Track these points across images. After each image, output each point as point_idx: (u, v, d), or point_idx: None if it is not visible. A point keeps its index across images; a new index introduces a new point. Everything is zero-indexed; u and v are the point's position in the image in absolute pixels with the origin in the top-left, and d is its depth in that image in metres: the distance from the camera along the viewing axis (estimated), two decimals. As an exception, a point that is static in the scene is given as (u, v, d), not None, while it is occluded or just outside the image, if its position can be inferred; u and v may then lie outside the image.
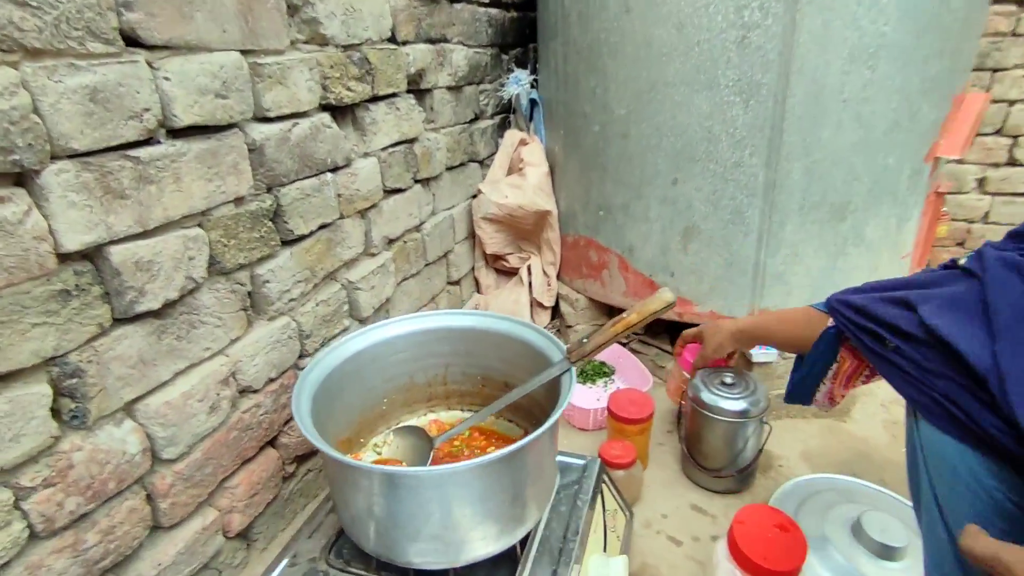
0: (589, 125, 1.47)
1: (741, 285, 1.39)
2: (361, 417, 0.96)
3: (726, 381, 1.18)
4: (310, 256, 1.03)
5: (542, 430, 0.70)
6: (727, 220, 1.35)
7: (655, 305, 0.80)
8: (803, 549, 0.88)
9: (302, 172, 0.98)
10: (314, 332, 1.07)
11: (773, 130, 1.27)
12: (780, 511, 0.94)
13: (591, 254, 1.58)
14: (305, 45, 0.97)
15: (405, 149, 1.30)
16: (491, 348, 0.99)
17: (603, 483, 1.00)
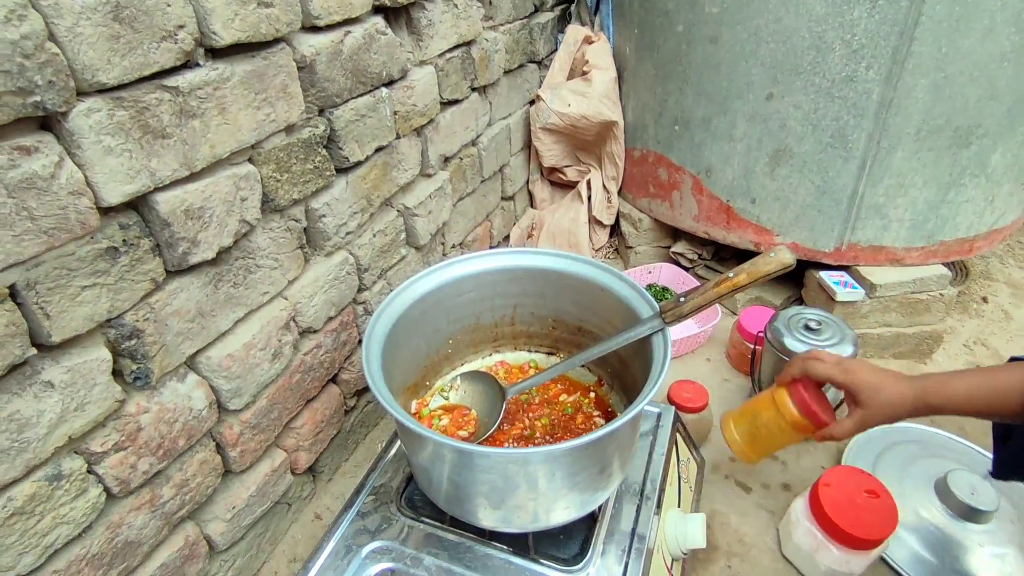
0: (671, 24, 1.27)
1: (832, 216, 1.25)
2: (428, 360, 0.91)
3: (810, 325, 1.09)
4: (366, 184, 0.94)
5: (638, 407, 0.64)
6: (826, 143, 1.19)
7: (770, 267, 0.70)
8: (894, 517, 0.83)
9: (356, 90, 0.86)
10: (372, 265, 1.00)
11: (901, 37, 1.07)
12: (870, 475, 0.89)
13: (660, 172, 1.44)
14: (355, -69, 0.81)
15: (463, 53, 1.15)
16: (566, 291, 0.91)
17: (677, 432, 0.95)
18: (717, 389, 1.26)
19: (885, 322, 1.30)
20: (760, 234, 1.33)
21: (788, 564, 0.92)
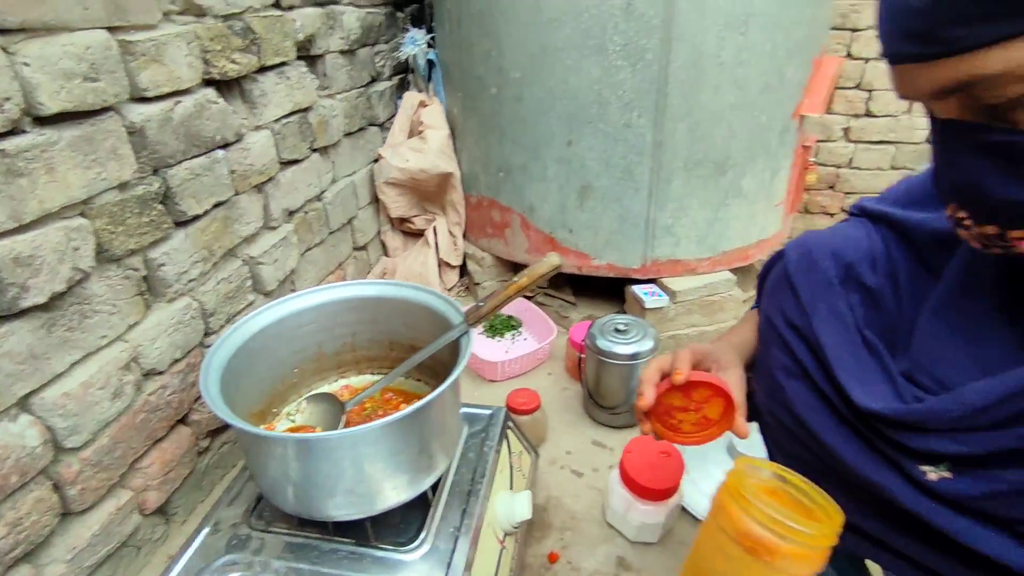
0: (485, 88, 1.50)
1: (634, 238, 1.50)
2: (272, 389, 0.99)
3: (619, 328, 1.29)
4: (206, 236, 1.03)
5: (440, 390, 0.77)
6: (619, 178, 1.44)
7: (542, 269, 0.87)
8: (680, 470, 1.02)
9: (190, 152, 0.96)
10: (218, 310, 1.07)
11: (658, 93, 1.35)
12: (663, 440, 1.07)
13: (494, 214, 1.64)
14: (180, 17, 0.94)
15: (299, 119, 1.29)
16: (396, 314, 1.04)
17: (508, 428, 1.09)
18: (558, 396, 1.43)
19: (690, 323, 1.55)
20: (580, 258, 1.55)
21: (611, 529, 1.07)
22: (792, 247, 0.70)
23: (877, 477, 0.54)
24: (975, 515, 0.48)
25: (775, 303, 0.69)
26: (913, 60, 0.39)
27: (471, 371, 1.52)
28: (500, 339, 1.62)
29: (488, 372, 1.48)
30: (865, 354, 0.59)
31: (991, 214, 0.42)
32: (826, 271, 0.64)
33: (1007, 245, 0.43)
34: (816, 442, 0.60)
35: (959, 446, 0.48)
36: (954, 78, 0.37)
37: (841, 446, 0.57)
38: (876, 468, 0.54)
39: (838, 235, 0.68)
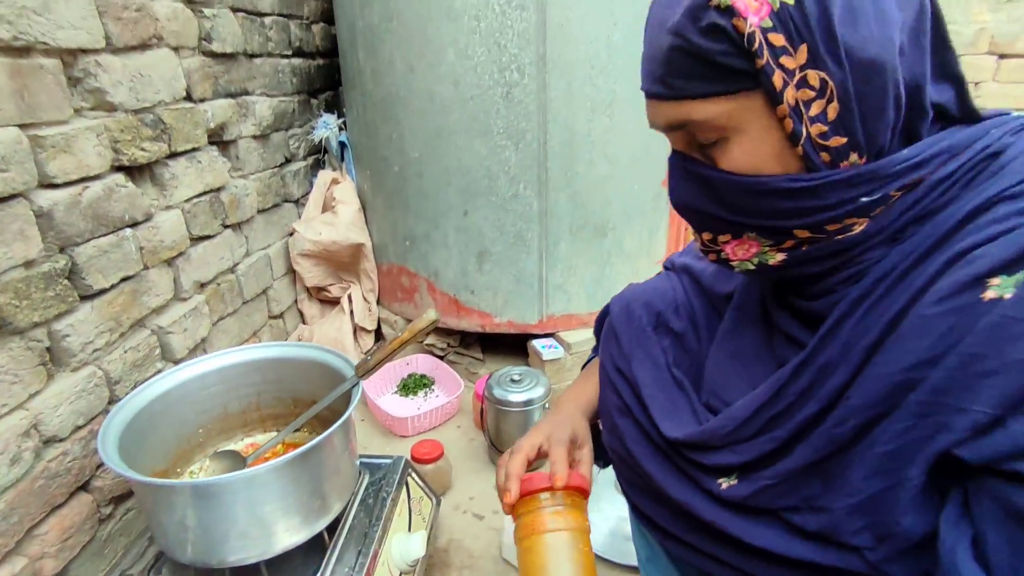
0: (390, 167, 1.66)
1: (529, 297, 1.65)
2: (177, 449, 1.05)
3: (514, 378, 1.41)
4: (114, 307, 1.10)
5: (328, 432, 0.86)
6: (512, 243, 1.60)
7: (422, 324, 0.99)
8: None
9: (98, 231, 1.05)
10: (124, 378, 1.12)
11: (540, 167, 1.54)
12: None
13: (403, 280, 1.76)
14: (92, 112, 1.05)
15: (211, 198, 1.39)
16: (297, 373, 1.12)
17: (408, 476, 1.17)
18: (465, 447, 1.52)
19: (584, 372, 1.69)
20: (483, 317, 1.68)
21: (507, 564, 1.15)
22: (615, 301, 0.82)
23: (683, 496, 0.63)
24: (750, 512, 0.57)
25: (606, 351, 0.79)
26: (654, 97, 0.49)
27: (383, 428, 1.59)
28: (413, 397, 1.71)
29: (399, 428, 1.55)
30: (675, 390, 0.69)
31: (703, 224, 0.54)
32: (640, 319, 0.76)
33: (718, 249, 0.55)
34: (642, 470, 0.68)
35: (737, 456, 0.58)
36: (676, 117, 0.48)
37: (656, 472, 0.65)
38: (682, 488, 0.63)
39: (650, 288, 0.81)
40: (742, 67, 0.42)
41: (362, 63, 1.62)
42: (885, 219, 0.47)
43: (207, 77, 1.37)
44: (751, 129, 0.45)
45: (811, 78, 0.41)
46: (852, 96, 0.41)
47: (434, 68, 1.49)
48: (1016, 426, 0.38)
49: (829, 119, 0.42)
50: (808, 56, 0.41)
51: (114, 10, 1.07)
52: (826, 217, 0.46)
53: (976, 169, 0.45)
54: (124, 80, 1.10)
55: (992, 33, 2.44)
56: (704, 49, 0.43)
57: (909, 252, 0.45)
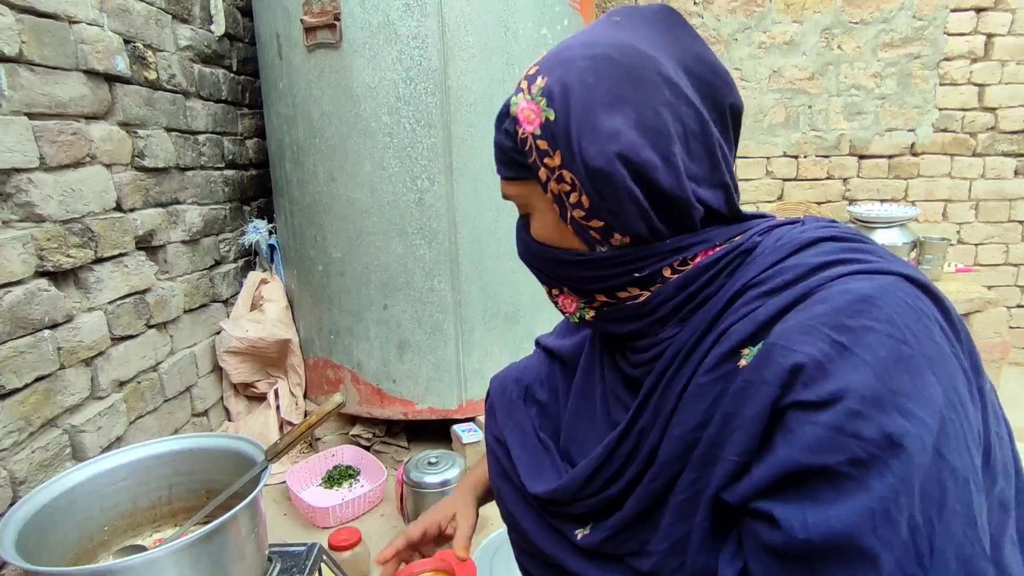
0: (314, 266, 1.78)
1: (449, 383, 1.74)
2: (79, 547, 1.04)
3: (431, 461, 1.47)
4: (24, 407, 1.13)
5: (230, 513, 0.90)
6: (430, 333, 1.72)
7: (328, 407, 1.07)
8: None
9: (15, 332, 1.10)
10: (30, 478, 1.13)
11: (452, 262, 1.69)
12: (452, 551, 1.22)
13: (328, 372, 1.83)
14: (20, 223, 1.13)
15: (136, 300, 1.46)
16: (210, 463, 1.16)
17: (322, 562, 1.19)
18: (388, 534, 1.54)
19: (504, 453, 1.76)
20: (405, 405, 1.75)
21: (419, 647, 1.16)
22: (493, 380, 0.91)
23: (552, 549, 0.70)
24: (604, 558, 0.65)
25: (488, 424, 0.88)
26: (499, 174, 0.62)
27: (306, 521, 1.59)
28: (338, 488, 1.72)
29: (321, 519, 1.56)
30: (541, 452, 0.78)
31: (539, 278, 0.66)
32: (511, 394, 0.86)
33: (555, 300, 0.65)
34: (521, 529, 0.75)
35: (586, 508, 0.66)
36: (502, 192, 0.61)
37: (531, 528, 0.73)
38: (551, 541, 0.71)
39: (521, 365, 0.92)
40: (524, 162, 0.55)
41: (289, 174, 1.78)
42: (664, 294, 0.56)
43: (138, 189, 1.48)
44: (538, 207, 0.58)
45: (565, 176, 0.53)
46: (593, 193, 0.52)
47: (353, 178, 1.66)
48: (756, 471, 0.45)
49: (585, 207, 0.53)
50: (561, 159, 0.52)
51: (50, 135, 1.19)
52: (608, 285, 0.57)
53: (735, 262, 0.54)
54: (55, 194, 1.20)
55: (850, 138, 2.86)
56: (502, 145, 0.57)
57: (693, 331, 0.54)
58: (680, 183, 0.52)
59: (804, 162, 2.96)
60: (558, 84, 0.52)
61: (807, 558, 0.42)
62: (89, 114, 1.31)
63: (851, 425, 0.41)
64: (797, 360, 0.44)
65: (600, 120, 0.51)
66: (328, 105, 1.65)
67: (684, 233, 0.55)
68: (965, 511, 0.41)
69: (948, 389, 0.42)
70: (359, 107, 1.62)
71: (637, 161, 0.51)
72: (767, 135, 2.94)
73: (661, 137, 0.51)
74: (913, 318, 0.44)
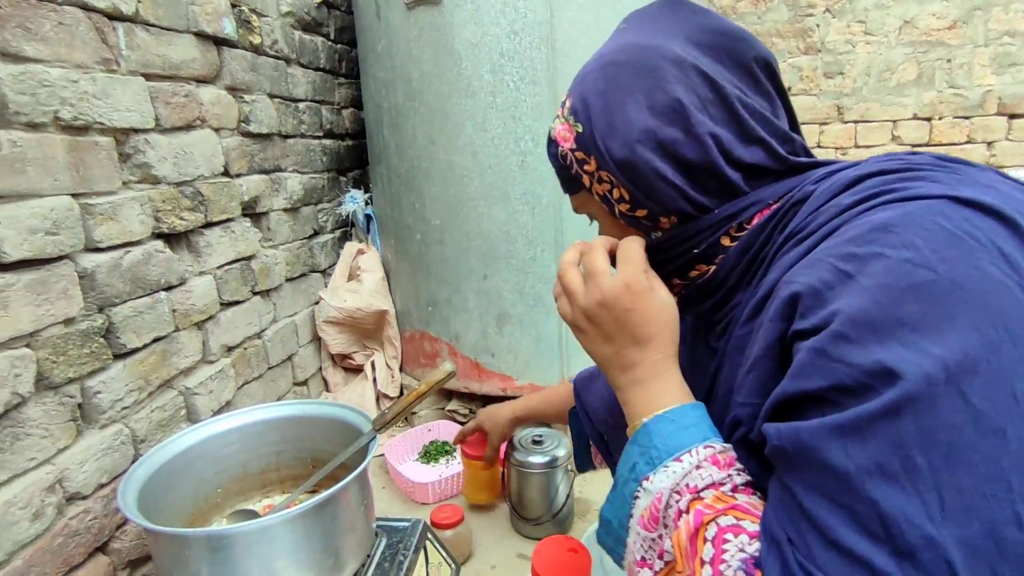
0: (412, 235, 1.73)
1: (550, 358, 1.65)
2: (195, 508, 1.04)
3: (536, 439, 1.39)
4: (144, 367, 1.13)
5: (342, 484, 0.85)
6: (531, 305, 1.62)
7: (438, 376, 1.01)
8: (588, 565, 1.07)
9: (135, 293, 1.11)
10: (149, 437, 1.14)
11: (556, 230, 1.59)
12: (572, 538, 1.13)
13: (425, 345, 1.78)
14: (138, 184, 1.13)
15: (242, 266, 1.46)
16: (317, 431, 1.13)
17: (427, 540, 1.14)
18: (488, 514, 1.47)
19: (608, 435, 1.65)
20: (504, 380, 1.68)
21: (529, 636, 1.09)
22: None
23: None
24: None
25: None
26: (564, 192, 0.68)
27: (404, 495, 1.56)
28: (435, 464, 1.68)
29: (420, 495, 1.52)
30: None
31: None
32: None
33: None
34: None
35: None
36: (573, 207, 0.67)
37: None
38: None
39: None
40: (571, 175, 0.62)
41: (387, 140, 1.73)
42: (729, 262, 0.57)
43: (244, 155, 1.47)
44: (597, 212, 0.64)
45: (603, 176, 0.58)
46: (627, 182, 0.56)
47: (454, 141, 1.59)
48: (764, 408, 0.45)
49: (626, 199, 0.58)
50: (596, 163, 0.58)
51: (165, 96, 1.18)
52: (675, 266, 0.60)
53: (789, 214, 0.53)
54: (169, 156, 1.19)
55: (999, 95, 2.49)
56: (554, 166, 0.64)
57: (751, 296, 0.54)
58: (705, 151, 0.54)
59: (939, 124, 2.62)
60: (579, 100, 0.58)
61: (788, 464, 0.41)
62: (199, 76, 1.30)
63: (836, 349, 0.39)
64: (794, 290, 0.43)
65: (617, 117, 0.55)
66: (428, 65, 1.58)
67: (732, 200, 0.56)
68: (988, 467, 0.35)
69: (990, 324, 0.36)
70: (460, 65, 1.54)
71: (659, 140, 0.54)
72: (894, 95, 2.62)
73: (677, 113, 0.54)
74: (947, 242, 0.38)
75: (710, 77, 0.54)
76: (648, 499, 0.49)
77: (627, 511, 0.51)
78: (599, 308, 0.54)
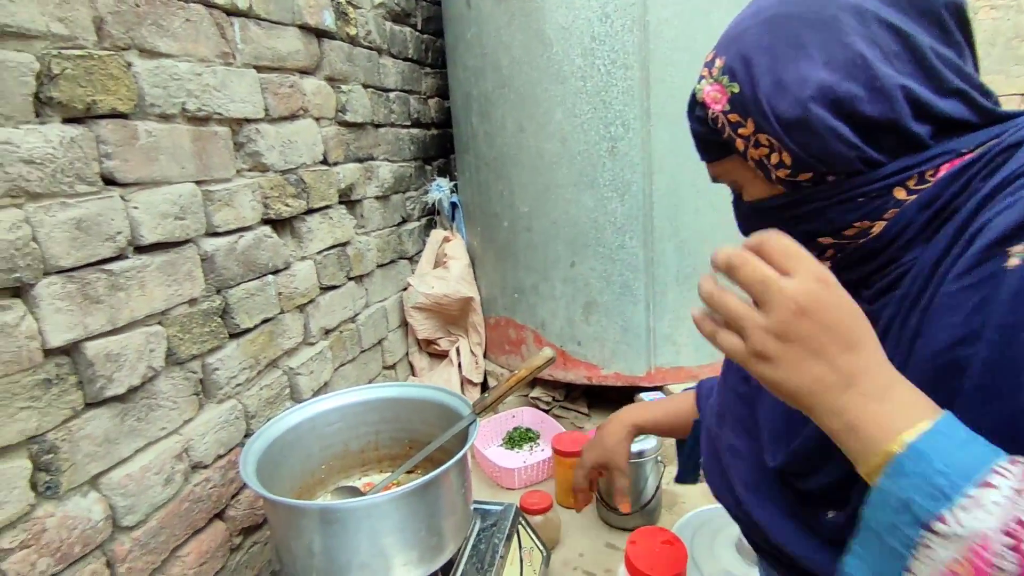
0: (500, 222, 1.73)
1: (637, 348, 1.61)
2: (302, 482, 1.10)
3: (626, 430, 1.37)
4: (254, 346, 1.20)
5: (445, 467, 0.87)
6: (619, 293, 1.60)
7: (538, 361, 1.00)
8: (684, 558, 1.05)
9: (247, 275, 1.17)
10: (259, 413, 1.21)
11: (645, 217, 1.55)
12: (666, 530, 1.11)
13: (510, 332, 1.79)
14: (249, 172, 1.19)
15: (338, 252, 1.51)
16: (414, 413, 1.16)
17: (519, 524, 1.15)
18: (573, 503, 1.47)
19: (697, 429, 1.60)
20: (590, 369, 1.66)
21: (622, 626, 1.08)
22: None
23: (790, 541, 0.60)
24: None
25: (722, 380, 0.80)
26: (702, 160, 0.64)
27: (489, 479, 1.58)
28: (519, 450, 1.69)
29: (506, 480, 1.54)
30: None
31: None
32: None
33: None
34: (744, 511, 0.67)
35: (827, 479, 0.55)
36: (711, 175, 0.63)
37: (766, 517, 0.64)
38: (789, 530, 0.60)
39: None
40: (719, 140, 0.57)
41: (475, 127, 1.74)
42: (904, 218, 0.51)
43: (340, 144, 1.52)
44: (745, 179, 0.59)
45: (762, 140, 0.54)
46: (794, 146, 0.52)
47: (543, 127, 1.57)
48: None
49: (787, 164, 0.53)
50: (755, 126, 0.53)
51: (273, 87, 1.24)
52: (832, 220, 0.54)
53: (995, 161, 0.48)
54: (276, 145, 1.25)
55: None
56: (697, 131, 0.60)
57: (939, 247, 0.48)
58: (892, 106, 0.49)
59: (1072, 100, 2.36)
60: (737, 58, 0.54)
61: None
62: (302, 68, 1.35)
63: None
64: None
65: (786, 74, 0.51)
66: (518, 51, 1.57)
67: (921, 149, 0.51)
68: None
69: None
70: (551, 50, 1.52)
71: (835, 97, 0.50)
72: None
73: (857, 67, 0.49)
74: None
75: (896, 27, 0.49)
76: (956, 549, 0.36)
77: (899, 567, 0.39)
78: (796, 319, 0.42)
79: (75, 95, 0.82)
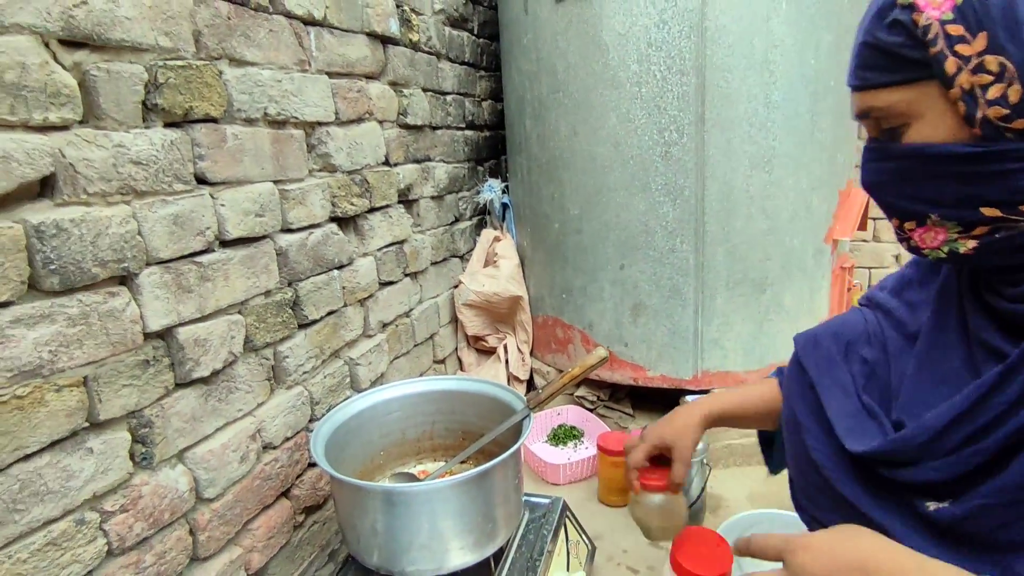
0: (550, 223, 1.77)
1: (684, 351, 1.63)
2: (363, 466, 1.16)
3: (671, 431, 1.38)
4: (320, 337, 1.27)
5: (503, 457, 0.91)
6: (667, 296, 1.61)
7: (592, 360, 1.04)
8: (730, 559, 1.06)
9: (315, 270, 1.24)
10: (322, 400, 1.28)
11: (697, 222, 1.56)
12: (712, 531, 1.12)
13: (558, 331, 1.83)
14: (319, 172, 1.26)
15: (396, 249, 1.58)
16: (468, 406, 1.21)
17: (566, 518, 1.18)
18: (617, 501, 1.49)
19: (742, 432, 1.61)
20: (636, 370, 1.68)
21: (666, 622, 1.10)
22: (799, 336, 0.83)
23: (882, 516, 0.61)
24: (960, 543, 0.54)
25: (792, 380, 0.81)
26: (851, 88, 0.55)
27: (534, 474, 1.62)
28: (563, 447, 1.73)
29: (551, 475, 1.57)
30: (864, 416, 0.69)
31: (890, 210, 0.56)
32: (828, 349, 0.77)
33: (907, 237, 0.55)
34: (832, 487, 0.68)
35: (937, 472, 0.55)
36: (864, 106, 0.53)
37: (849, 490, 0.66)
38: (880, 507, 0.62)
39: (837, 321, 0.82)
40: (918, 57, 0.47)
41: (528, 130, 1.78)
42: None
43: (401, 146, 1.59)
44: (928, 114, 0.48)
45: (989, 63, 0.43)
46: None
47: (596, 132, 1.60)
48: None
49: (1011, 102, 0.43)
50: (988, 43, 0.43)
51: (343, 92, 1.31)
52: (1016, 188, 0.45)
53: None
54: (344, 147, 1.32)
55: None
56: (885, 43, 0.48)
57: None
58: None
59: None
60: None
61: None
62: (369, 73, 1.42)
63: None
64: None
65: None
66: (574, 57, 1.60)
67: None
68: None
69: None
70: (607, 56, 1.55)
71: None
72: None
73: None
74: None
75: None
76: None
77: None
78: None
79: (176, 102, 0.89)
